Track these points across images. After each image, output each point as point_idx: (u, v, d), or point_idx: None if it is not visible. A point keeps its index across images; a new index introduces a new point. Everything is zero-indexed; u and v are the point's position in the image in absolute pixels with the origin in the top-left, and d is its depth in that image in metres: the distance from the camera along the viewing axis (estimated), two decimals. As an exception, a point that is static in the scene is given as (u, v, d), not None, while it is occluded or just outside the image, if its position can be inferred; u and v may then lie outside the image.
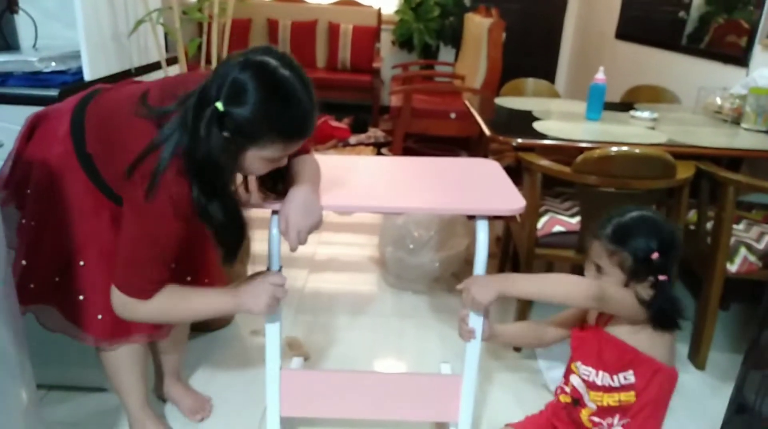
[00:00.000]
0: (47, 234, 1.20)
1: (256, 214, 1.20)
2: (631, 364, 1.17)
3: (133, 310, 1.12)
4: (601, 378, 1.20)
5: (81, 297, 1.21)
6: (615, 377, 1.18)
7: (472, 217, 1.25)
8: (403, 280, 2.25)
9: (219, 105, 0.97)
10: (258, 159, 1.03)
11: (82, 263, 1.20)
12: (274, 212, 1.18)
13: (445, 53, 5.12)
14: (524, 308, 1.95)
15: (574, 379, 1.27)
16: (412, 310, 2.14)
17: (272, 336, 1.26)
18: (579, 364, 1.25)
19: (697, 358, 1.85)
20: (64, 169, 1.16)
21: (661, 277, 1.11)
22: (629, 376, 1.17)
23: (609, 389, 1.20)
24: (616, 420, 1.21)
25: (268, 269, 1.22)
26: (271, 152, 1.02)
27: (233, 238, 1.12)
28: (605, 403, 1.21)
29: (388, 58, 5.21)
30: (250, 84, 0.96)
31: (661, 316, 1.13)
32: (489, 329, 1.31)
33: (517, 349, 1.89)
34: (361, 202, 1.28)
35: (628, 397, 1.18)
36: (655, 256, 1.10)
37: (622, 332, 1.18)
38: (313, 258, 2.46)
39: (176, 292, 1.14)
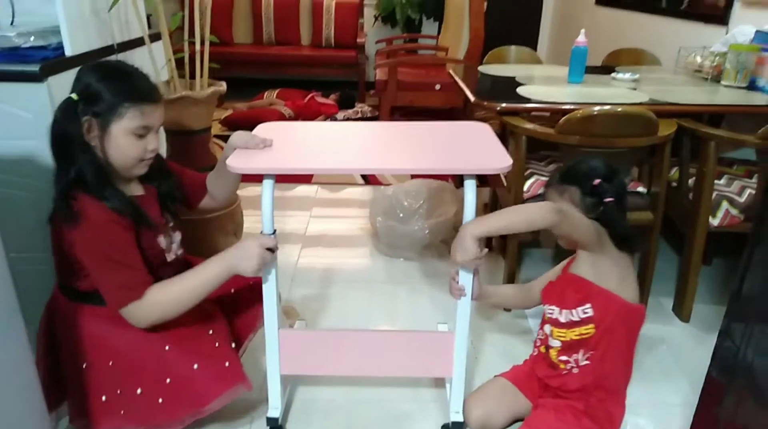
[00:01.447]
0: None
1: (246, 193, 1.26)
2: (588, 298, 1.27)
3: (137, 315, 1.17)
4: (564, 316, 1.31)
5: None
6: (575, 312, 1.29)
7: (460, 185, 1.28)
8: (395, 248, 2.28)
9: (73, 95, 1.16)
10: (123, 133, 1.17)
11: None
12: (267, 177, 1.20)
13: (428, 27, 5.10)
14: (512, 270, 1.99)
15: (546, 328, 1.37)
16: (404, 276, 2.17)
17: (269, 297, 1.29)
18: (546, 306, 1.37)
19: (682, 310, 1.91)
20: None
21: (607, 199, 1.25)
22: (588, 310, 1.28)
23: (571, 324, 1.30)
24: (581, 355, 1.31)
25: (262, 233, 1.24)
26: (130, 121, 1.17)
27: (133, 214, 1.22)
28: (568, 338, 1.31)
29: (371, 33, 5.18)
30: (92, 74, 1.17)
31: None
32: (479, 288, 1.38)
33: (507, 310, 1.94)
34: (350, 164, 1.31)
35: (588, 330, 1.28)
36: (597, 181, 1.25)
37: (583, 268, 1.30)
38: (305, 234, 2.48)
39: (166, 282, 1.20)
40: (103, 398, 1.23)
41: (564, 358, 1.33)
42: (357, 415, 1.48)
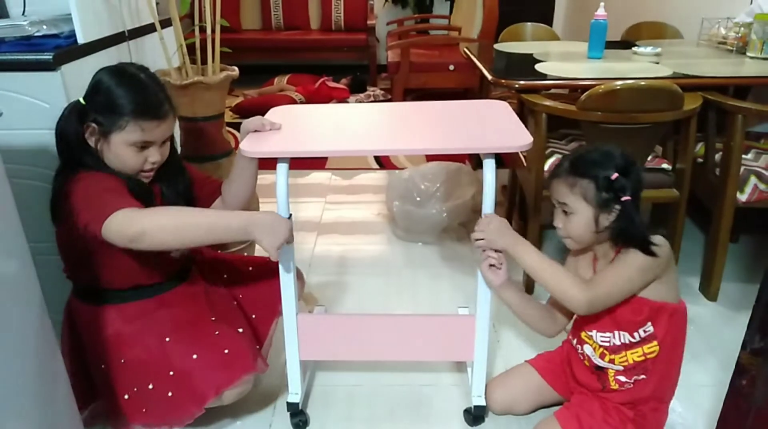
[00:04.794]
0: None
1: (261, 181, 1.34)
2: (648, 317, 1.16)
3: (120, 220, 1.02)
4: (620, 338, 1.19)
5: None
6: (635, 333, 1.17)
7: (478, 166, 1.25)
8: (412, 232, 2.26)
9: (81, 100, 1.16)
10: (123, 145, 1.16)
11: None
12: (280, 161, 1.18)
13: (440, 6, 5.02)
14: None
15: (587, 349, 1.26)
16: (423, 260, 2.15)
17: (287, 283, 1.28)
18: (595, 332, 1.22)
19: (709, 289, 1.86)
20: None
21: (624, 198, 1.11)
22: (648, 328, 1.16)
23: (631, 345, 1.18)
24: (641, 374, 1.21)
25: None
26: (130, 134, 1.15)
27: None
28: (631, 361, 1.19)
29: (382, 15, 5.10)
30: (104, 77, 1.16)
31: (624, 236, 1.13)
32: (506, 273, 1.26)
33: (529, 290, 1.89)
34: (366, 146, 1.28)
35: (651, 348, 1.17)
36: (615, 176, 1.10)
37: None
38: (320, 221, 2.46)
39: (181, 207, 1.18)
40: (126, 396, 1.22)
41: (623, 379, 1.22)
42: (377, 399, 1.47)
